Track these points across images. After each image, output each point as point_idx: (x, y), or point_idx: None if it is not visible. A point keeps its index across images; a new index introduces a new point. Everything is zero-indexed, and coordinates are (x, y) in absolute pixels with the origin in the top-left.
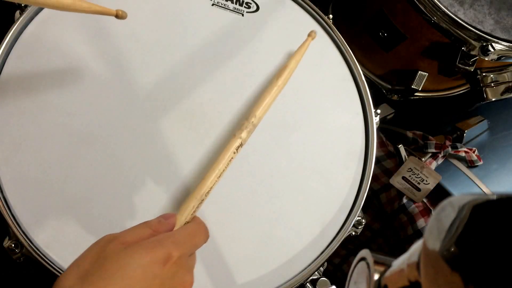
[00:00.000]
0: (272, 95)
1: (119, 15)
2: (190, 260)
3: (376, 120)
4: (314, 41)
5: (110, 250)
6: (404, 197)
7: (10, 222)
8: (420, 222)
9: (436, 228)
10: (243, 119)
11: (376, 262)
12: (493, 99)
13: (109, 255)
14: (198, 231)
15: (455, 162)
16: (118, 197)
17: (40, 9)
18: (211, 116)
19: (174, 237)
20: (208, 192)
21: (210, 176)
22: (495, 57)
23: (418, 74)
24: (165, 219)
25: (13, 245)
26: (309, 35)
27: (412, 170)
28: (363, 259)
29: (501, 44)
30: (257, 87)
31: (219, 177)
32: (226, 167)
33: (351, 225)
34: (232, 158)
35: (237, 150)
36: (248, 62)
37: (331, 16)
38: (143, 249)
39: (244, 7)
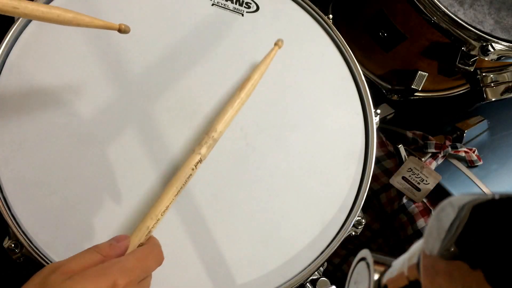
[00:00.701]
0: (234, 108)
1: (122, 30)
2: (141, 286)
3: (376, 120)
4: (314, 41)
5: (52, 282)
6: (404, 197)
7: (10, 222)
8: (420, 222)
9: (436, 228)
10: (203, 134)
11: (376, 262)
12: (493, 99)
13: (50, 287)
14: (150, 254)
15: (455, 162)
16: (118, 197)
17: None
18: (211, 116)
19: (122, 263)
20: (164, 211)
21: (166, 195)
22: (495, 57)
23: (418, 74)
24: (117, 242)
25: (13, 245)
26: (276, 44)
27: (412, 170)
28: (363, 259)
29: (501, 44)
30: (257, 87)
31: (176, 195)
32: (184, 185)
33: (351, 225)
34: (190, 175)
35: (196, 166)
36: (248, 62)
37: (331, 16)
38: (86, 279)
39: (244, 7)
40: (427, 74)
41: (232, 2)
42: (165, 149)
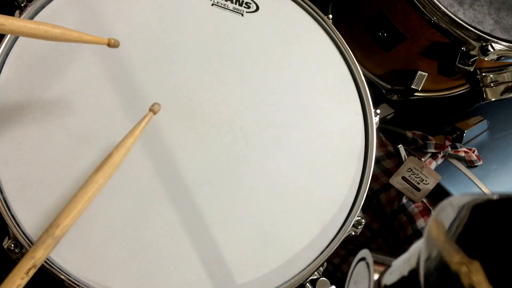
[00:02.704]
0: (87, 197)
1: (111, 44)
2: None
3: (375, 120)
4: (314, 41)
5: None
6: (404, 197)
7: (9, 222)
8: (420, 222)
9: (436, 228)
10: (43, 231)
11: (376, 262)
12: (493, 99)
13: None
14: None
15: (455, 162)
16: (118, 197)
17: (40, 9)
18: (211, 116)
19: None
20: None
21: None
22: (495, 57)
23: (418, 74)
24: None
25: (12, 245)
26: (150, 109)
27: (411, 170)
28: (362, 259)
29: (501, 44)
30: (257, 87)
31: None
32: None
33: (351, 225)
34: (19, 285)
35: (28, 272)
36: (247, 62)
37: (330, 16)
38: None
39: (244, 7)
40: (427, 74)
41: (232, 2)
42: (165, 149)
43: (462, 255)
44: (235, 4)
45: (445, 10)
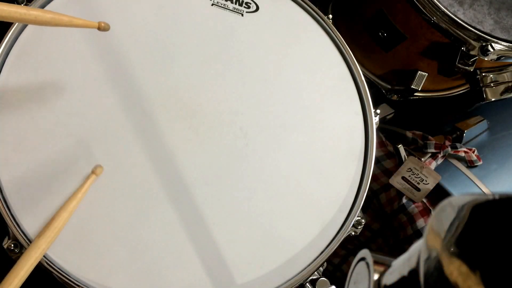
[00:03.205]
0: (30, 263)
1: (101, 27)
2: None
3: (375, 120)
4: (314, 41)
5: None
6: (404, 197)
7: (9, 222)
8: (420, 222)
9: (435, 228)
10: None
11: (376, 262)
12: (493, 99)
13: None
14: None
15: (455, 162)
16: (117, 197)
17: None
18: (211, 116)
19: None
20: None
21: None
22: (495, 57)
23: (418, 74)
24: None
25: (12, 245)
26: (93, 172)
27: (411, 170)
28: (362, 259)
29: (501, 44)
30: (257, 87)
31: None
32: None
33: (351, 225)
34: None
35: None
36: (247, 62)
37: (330, 16)
38: None
39: (244, 7)
40: (426, 74)
41: (232, 2)
42: (164, 149)
43: (461, 264)
44: (235, 4)
45: (445, 10)
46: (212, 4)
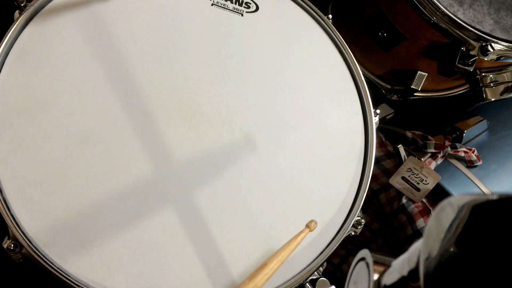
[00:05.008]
0: None
1: None
2: None
3: (375, 120)
4: (314, 41)
5: None
6: (404, 197)
7: (9, 222)
8: (420, 222)
9: (435, 228)
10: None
11: (376, 262)
12: (493, 99)
13: None
14: None
15: (455, 162)
16: (117, 197)
17: (40, 9)
18: (211, 116)
19: None
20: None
21: None
22: (495, 57)
23: (418, 74)
24: None
25: (12, 245)
26: (307, 226)
27: (411, 170)
28: (362, 259)
29: (501, 44)
30: (256, 87)
31: None
32: None
33: (351, 225)
34: None
35: None
36: (247, 62)
37: (330, 16)
38: None
39: (244, 7)
40: (426, 74)
41: (232, 2)
42: (164, 149)
43: None
44: (235, 4)
45: (445, 10)
46: (212, 4)
